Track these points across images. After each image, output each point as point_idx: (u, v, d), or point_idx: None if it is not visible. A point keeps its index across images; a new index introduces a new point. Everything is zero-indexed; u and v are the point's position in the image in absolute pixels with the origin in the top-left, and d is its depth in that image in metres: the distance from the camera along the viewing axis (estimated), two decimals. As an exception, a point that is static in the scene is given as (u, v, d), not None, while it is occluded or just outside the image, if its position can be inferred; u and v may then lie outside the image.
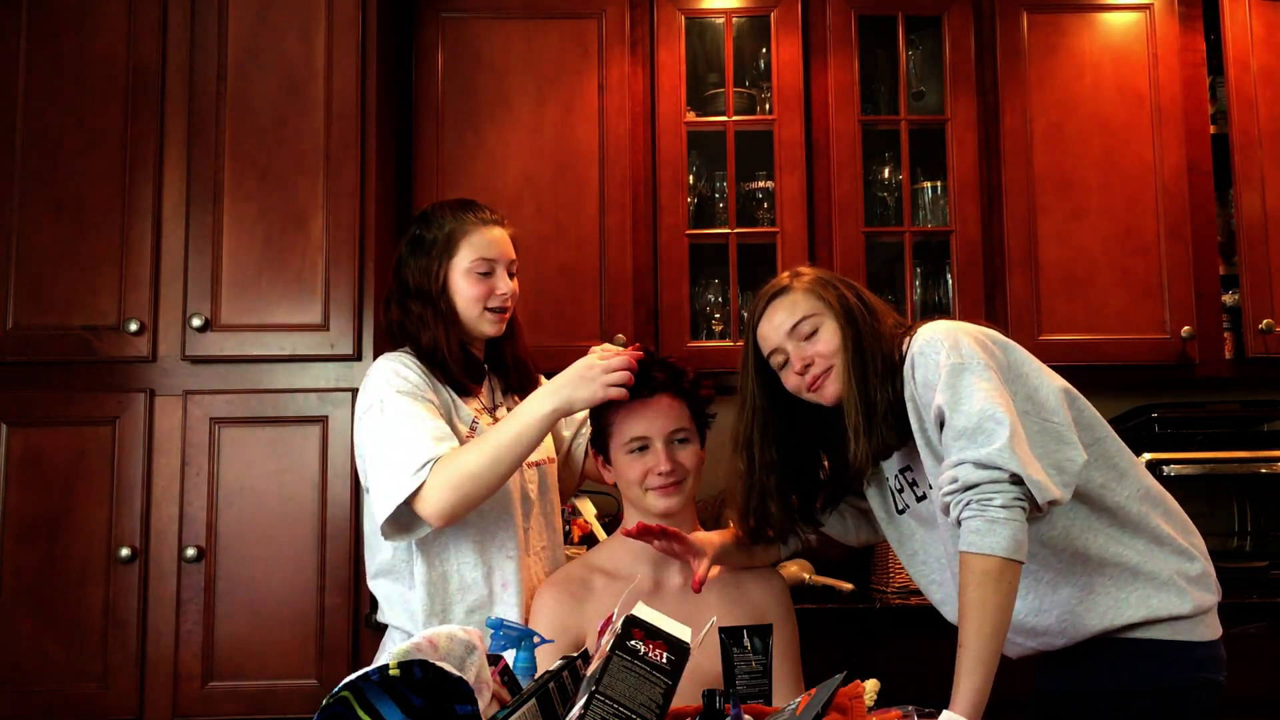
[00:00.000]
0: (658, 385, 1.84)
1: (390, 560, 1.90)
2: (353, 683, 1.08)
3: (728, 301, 2.78)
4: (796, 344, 1.68)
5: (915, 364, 1.59)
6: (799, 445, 1.78)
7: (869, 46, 2.86)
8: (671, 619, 1.22)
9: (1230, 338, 2.76)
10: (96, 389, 2.41)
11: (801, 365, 1.67)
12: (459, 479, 1.75)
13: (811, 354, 1.67)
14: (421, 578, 1.86)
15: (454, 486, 1.75)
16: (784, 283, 1.73)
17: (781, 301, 1.70)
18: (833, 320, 1.67)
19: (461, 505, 1.77)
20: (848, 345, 1.64)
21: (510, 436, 1.77)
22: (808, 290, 1.70)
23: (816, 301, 1.68)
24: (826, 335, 1.66)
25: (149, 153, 2.47)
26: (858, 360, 1.63)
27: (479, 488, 1.77)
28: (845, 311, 1.67)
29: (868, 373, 1.63)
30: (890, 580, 2.57)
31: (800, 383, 1.69)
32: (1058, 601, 1.60)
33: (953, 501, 1.49)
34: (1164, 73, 2.78)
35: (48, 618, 2.35)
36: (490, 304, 1.92)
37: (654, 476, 1.82)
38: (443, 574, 1.88)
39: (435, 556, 1.88)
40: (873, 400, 1.62)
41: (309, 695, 2.31)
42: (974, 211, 2.76)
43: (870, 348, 1.64)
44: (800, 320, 1.67)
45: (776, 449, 1.75)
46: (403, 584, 1.89)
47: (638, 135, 2.75)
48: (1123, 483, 1.62)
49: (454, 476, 1.75)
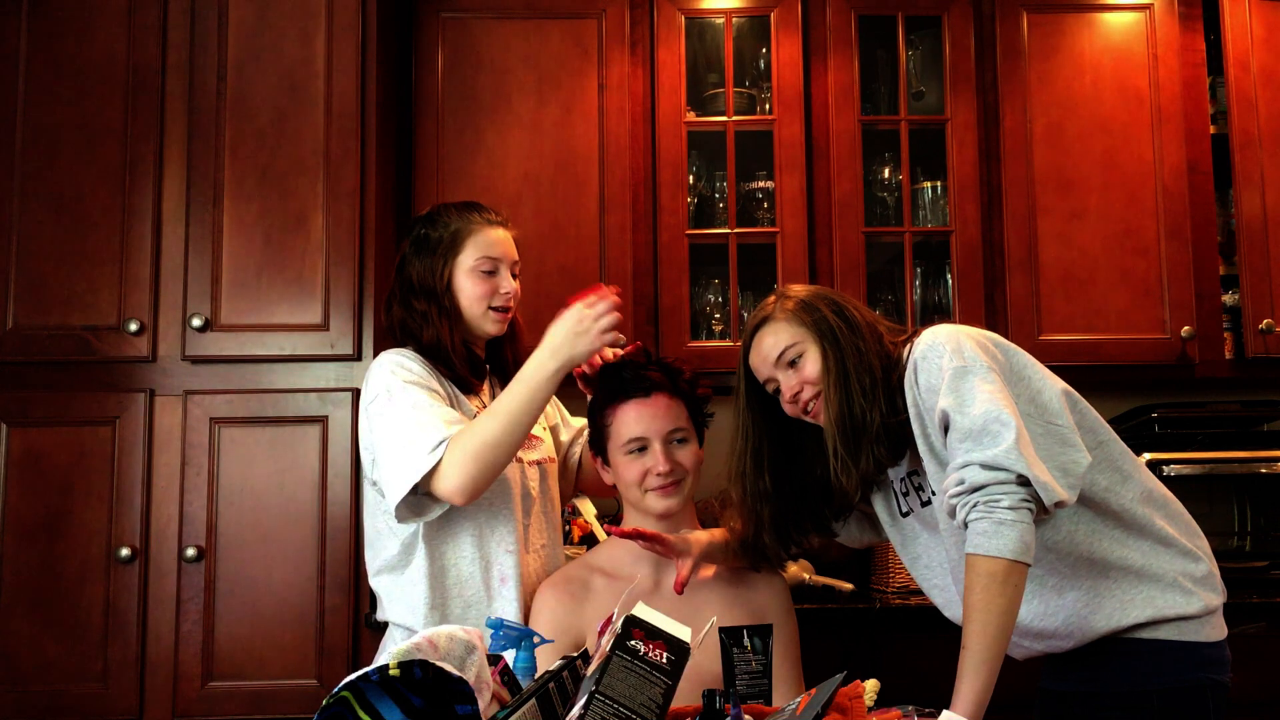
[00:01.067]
0: (654, 385, 1.84)
1: (393, 556, 1.90)
2: (353, 683, 1.07)
3: (728, 301, 2.78)
4: (784, 373, 1.69)
5: (918, 369, 1.59)
6: (807, 464, 1.77)
7: (869, 46, 2.86)
8: (671, 619, 1.22)
9: (1230, 338, 2.76)
10: (96, 389, 2.42)
11: (791, 394, 1.68)
12: (478, 448, 1.76)
13: (799, 382, 1.67)
14: (422, 570, 1.87)
15: (474, 456, 1.76)
16: (768, 310, 1.72)
17: (765, 331, 1.71)
18: (814, 346, 1.67)
19: (482, 476, 1.78)
20: (831, 369, 1.64)
21: (522, 401, 1.79)
22: (789, 318, 1.69)
23: (798, 329, 1.68)
24: (810, 362, 1.66)
25: (149, 153, 2.47)
26: (841, 383, 1.63)
27: (498, 455, 1.78)
28: (829, 335, 1.66)
29: (852, 395, 1.62)
30: (890, 580, 2.57)
31: (795, 409, 1.70)
32: (1064, 605, 1.60)
33: (959, 503, 1.48)
34: (1164, 73, 2.78)
35: (48, 618, 2.35)
36: (494, 303, 1.94)
37: (653, 477, 1.82)
38: (442, 567, 1.88)
39: (435, 550, 1.88)
40: (862, 420, 1.62)
41: (309, 695, 2.31)
42: (974, 211, 2.76)
43: (854, 368, 1.64)
44: (784, 350, 1.68)
45: (771, 477, 1.75)
46: (404, 578, 1.89)
47: (638, 135, 2.75)
48: (1126, 485, 1.62)
49: (472, 446, 1.76)
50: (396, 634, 1.92)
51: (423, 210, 2.06)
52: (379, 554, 1.93)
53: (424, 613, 1.86)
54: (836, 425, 1.62)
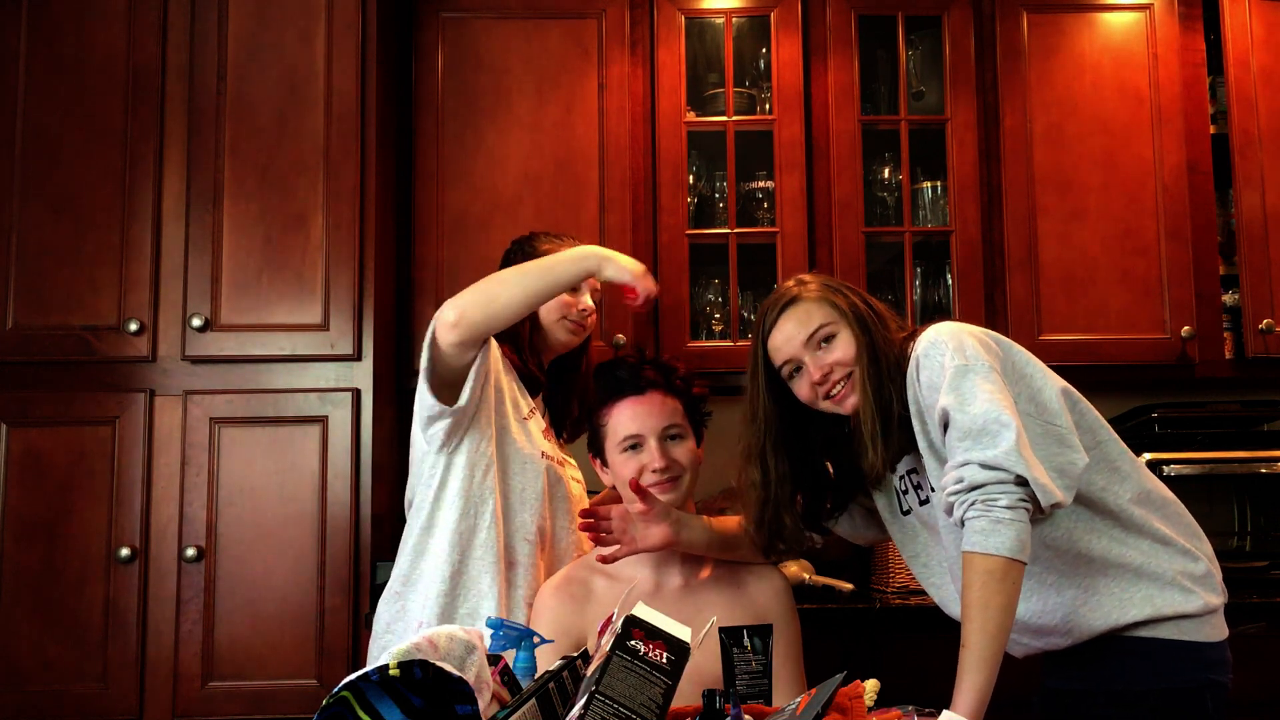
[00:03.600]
0: (649, 383, 1.85)
1: (425, 522, 1.92)
2: (353, 683, 1.07)
3: (728, 301, 2.78)
4: (813, 354, 1.67)
5: (920, 366, 1.59)
6: (808, 455, 1.78)
7: (869, 46, 2.86)
8: (671, 619, 1.22)
9: (1230, 338, 2.76)
10: (96, 389, 2.42)
11: (820, 375, 1.66)
12: (484, 283, 1.84)
13: (830, 362, 1.65)
14: (451, 525, 1.89)
15: (478, 288, 1.83)
16: (793, 292, 1.70)
17: (794, 311, 1.68)
18: (847, 328, 1.66)
19: (480, 305, 1.82)
20: (863, 352, 1.64)
21: (541, 264, 1.88)
22: (819, 298, 1.68)
23: (830, 309, 1.67)
24: (843, 343, 1.65)
25: (149, 152, 2.47)
26: (874, 367, 1.63)
27: (502, 291, 1.83)
28: (859, 318, 1.66)
29: (883, 379, 1.62)
30: (890, 580, 2.57)
31: (817, 392, 1.67)
32: (1062, 602, 1.60)
33: (957, 501, 1.49)
34: (1164, 73, 2.78)
35: (48, 618, 2.35)
36: (570, 315, 2.01)
37: (648, 474, 1.82)
38: (471, 527, 1.90)
39: (464, 513, 1.90)
40: (888, 406, 1.62)
41: (309, 695, 2.31)
42: (974, 211, 2.76)
43: (884, 354, 1.64)
44: (816, 329, 1.66)
45: (788, 460, 1.74)
46: (432, 538, 1.91)
47: (638, 135, 2.75)
48: (1123, 485, 1.62)
49: (480, 284, 1.84)
50: (414, 605, 1.92)
51: (423, 210, 2.08)
52: (412, 533, 1.95)
53: (448, 574, 1.88)
54: (873, 404, 1.62)
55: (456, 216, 2.70)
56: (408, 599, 1.93)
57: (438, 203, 2.70)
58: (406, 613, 1.92)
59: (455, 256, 2.68)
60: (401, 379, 2.66)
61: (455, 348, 1.82)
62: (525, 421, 1.97)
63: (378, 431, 2.44)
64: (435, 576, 1.89)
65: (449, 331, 1.81)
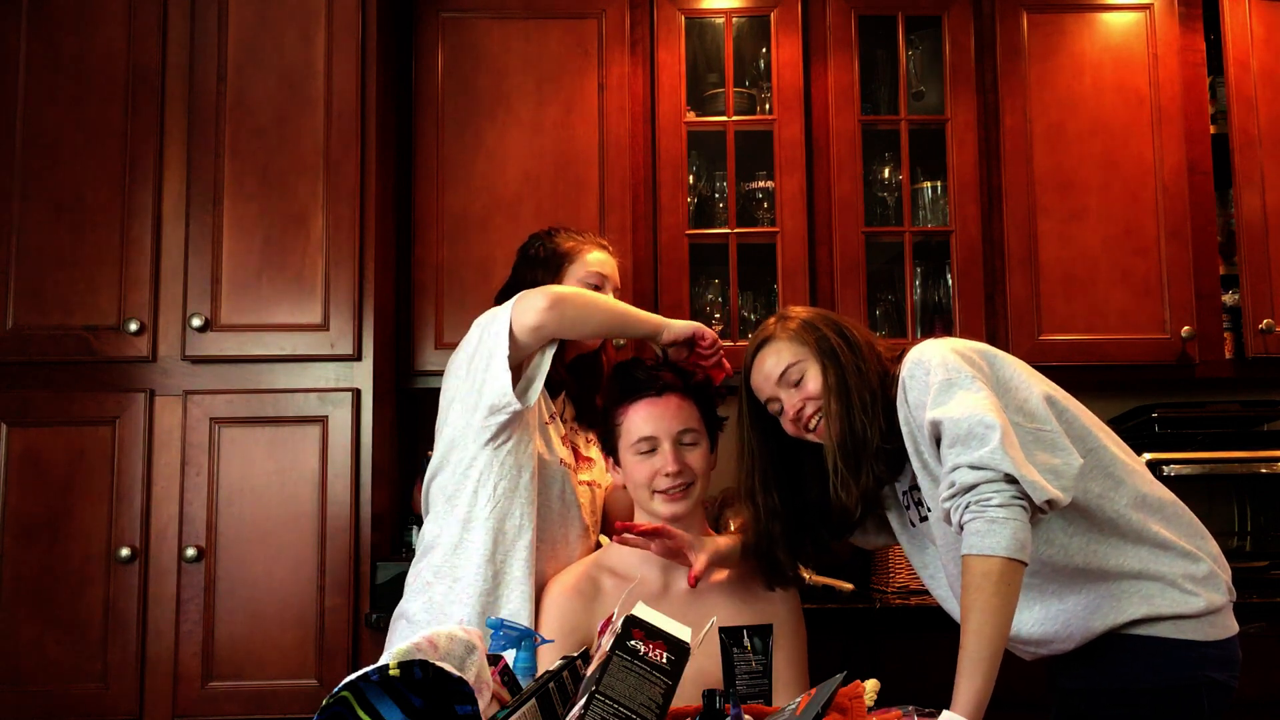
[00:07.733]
0: (666, 385, 1.85)
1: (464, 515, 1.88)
2: (353, 683, 1.07)
3: (728, 301, 2.78)
4: (787, 391, 1.72)
5: (906, 387, 1.62)
6: (808, 483, 1.79)
7: (869, 46, 2.86)
8: (672, 619, 1.22)
9: (1230, 338, 2.76)
10: (96, 389, 2.42)
11: (794, 412, 1.71)
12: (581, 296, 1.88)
13: (801, 399, 1.71)
14: (493, 523, 1.85)
15: (576, 300, 1.86)
16: (769, 331, 1.77)
17: (767, 351, 1.75)
18: (815, 364, 1.70)
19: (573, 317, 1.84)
20: (830, 385, 1.67)
21: (617, 305, 1.93)
22: (791, 337, 1.73)
23: (800, 347, 1.72)
24: (812, 379, 1.70)
25: (149, 152, 2.47)
26: (842, 400, 1.66)
27: (592, 318, 1.88)
28: (826, 353, 1.70)
29: (853, 411, 1.66)
30: (890, 580, 2.57)
31: (797, 428, 1.72)
32: (1065, 609, 1.61)
33: (952, 506, 1.49)
34: (1164, 73, 2.78)
35: (48, 618, 2.35)
36: None
37: (661, 478, 1.82)
38: (517, 527, 1.85)
39: (510, 513, 1.86)
40: (862, 436, 1.65)
41: (309, 695, 2.31)
42: (974, 211, 2.76)
43: (855, 385, 1.67)
44: (787, 368, 1.72)
45: (779, 494, 1.78)
46: (470, 532, 1.86)
47: (638, 135, 2.75)
48: (1119, 491, 1.62)
49: (575, 294, 1.88)
50: (439, 590, 1.86)
51: (423, 210, 2.07)
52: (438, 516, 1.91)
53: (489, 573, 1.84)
54: (838, 441, 1.66)
55: (456, 216, 2.70)
56: (443, 592, 1.86)
57: (438, 203, 2.70)
58: (444, 608, 1.85)
59: (455, 256, 2.68)
60: (401, 379, 2.66)
61: (532, 334, 1.80)
62: (546, 426, 1.96)
63: (377, 431, 2.44)
64: (476, 576, 1.83)
65: (539, 315, 1.79)
